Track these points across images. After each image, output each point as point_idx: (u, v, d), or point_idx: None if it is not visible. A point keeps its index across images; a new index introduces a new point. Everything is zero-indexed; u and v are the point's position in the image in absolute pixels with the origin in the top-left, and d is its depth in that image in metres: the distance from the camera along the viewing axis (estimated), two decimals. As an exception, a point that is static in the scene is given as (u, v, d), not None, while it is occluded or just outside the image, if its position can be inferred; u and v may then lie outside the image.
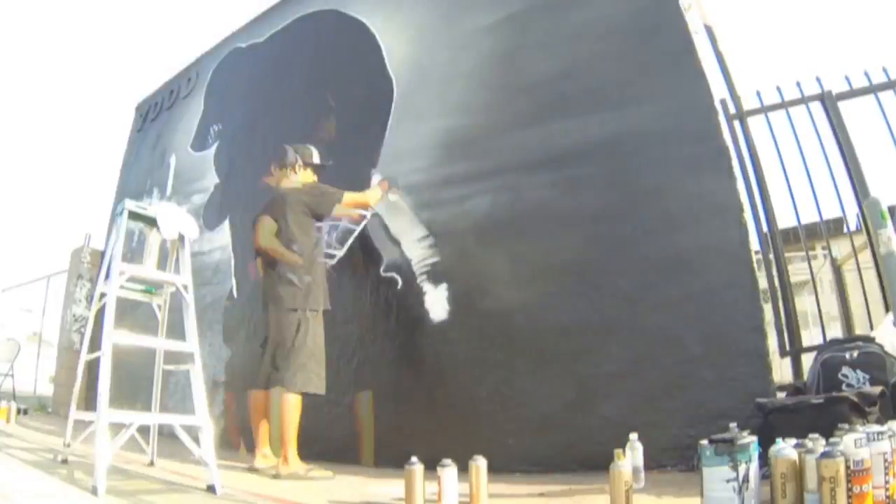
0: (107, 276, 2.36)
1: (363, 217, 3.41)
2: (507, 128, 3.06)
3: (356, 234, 3.47)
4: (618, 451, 1.63)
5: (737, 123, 2.86)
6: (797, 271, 3.53)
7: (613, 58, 2.84)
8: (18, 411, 4.86)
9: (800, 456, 1.41)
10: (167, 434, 2.70)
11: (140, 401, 4.68)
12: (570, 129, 2.85)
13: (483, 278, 2.93)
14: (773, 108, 2.87)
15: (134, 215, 2.45)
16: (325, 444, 3.07)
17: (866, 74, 2.72)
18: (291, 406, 2.61)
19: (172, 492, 2.16)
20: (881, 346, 2.04)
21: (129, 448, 2.41)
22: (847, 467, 1.30)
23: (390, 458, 2.74)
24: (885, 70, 2.68)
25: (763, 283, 2.53)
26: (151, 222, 2.47)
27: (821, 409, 1.81)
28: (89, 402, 5.47)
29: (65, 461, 2.45)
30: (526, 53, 3.12)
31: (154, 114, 6.14)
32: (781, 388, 2.40)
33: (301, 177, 3.06)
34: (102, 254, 2.86)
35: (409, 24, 3.75)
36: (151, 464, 2.69)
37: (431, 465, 2.59)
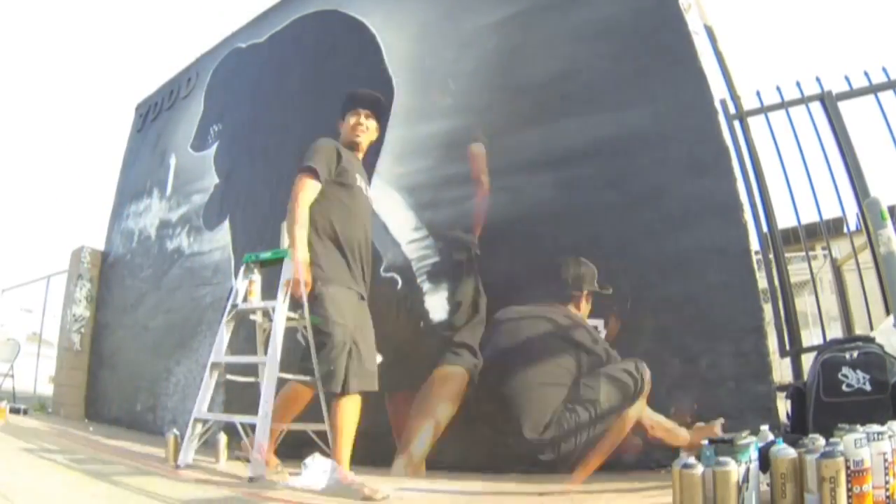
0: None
1: None
2: (508, 128, 3.06)
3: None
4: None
5: (737, 123, 2.86)
6: (797, 271, 3.53)
7: (613, 58, 2.84)
8: (18, 411, 4.86)
9: (800, 456, 1.41)
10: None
11: (140, 401, 4.69)
12: (570, 129, 2.85)
13: (483, 278, 2.92)
14: (773, 108, 2.86)
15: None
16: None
17: (866, 74, 2.72)
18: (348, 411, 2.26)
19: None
20: (881, 347, 2.04)
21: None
22: (847, 467, 1.30)
23: (390, 458, 2.74)
24: (885, 70, 2.68)
25: (763, 283, 2.53)
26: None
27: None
28: (89, 403, 5.50)
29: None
30: (526, 53, 3.12)
31: (154, 114, 6.14)
32: (781, 388, 2.40)
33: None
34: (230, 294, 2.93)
35: (409, 24, 3.75)
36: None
37: (431, 465, 2.60)
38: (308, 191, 2.36)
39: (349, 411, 2.20)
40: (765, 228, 2.77)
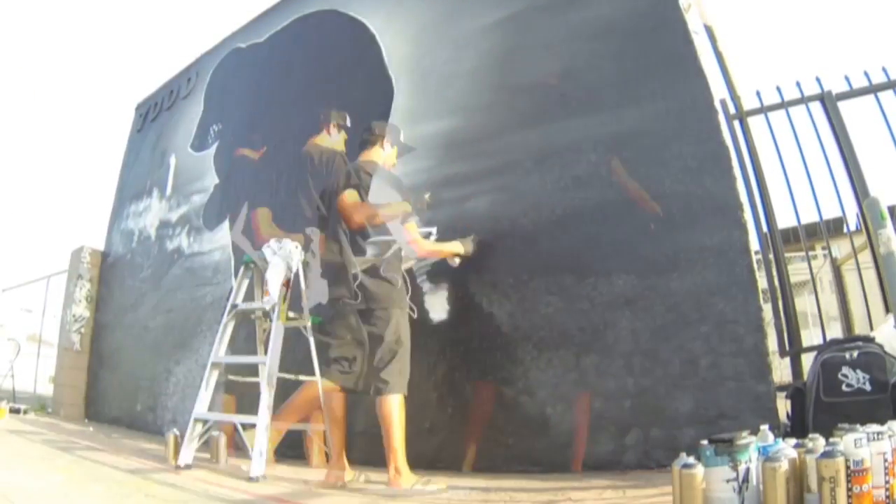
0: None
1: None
2: (507, 128, 3.06)
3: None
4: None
5: (737, 123, 2.86)
6: (797, 271, 3.53)
7: (613, 58, 2.84)
8: (18, 411, 4.87)
9: (800, 456, 1.41)
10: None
11: (140, 401, 4.70)
12: (570, 129, 2.85)
13: (483, 278, 2.92)
14: (773, 108, 2.86)
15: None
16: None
17: (866, 74, 2.72)
18: (399, 410, 2.35)
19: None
20: (881, 346, 2.04)
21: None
22: (847, 467, 1.30)
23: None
24: (885, 70, 2.67)
25: (763, 283, 2.53)
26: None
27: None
28: (89, 403, 5.50)
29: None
30: (526, 53, 3.12)
31: (154, 114, 6.15)
32: (781, 388, 2.40)
33: (390, 156, 2.83)
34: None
35: (409, 24, 3.75)
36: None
37: (431, 466, 2.59)
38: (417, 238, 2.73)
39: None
40: (765, 228, 2.77)
